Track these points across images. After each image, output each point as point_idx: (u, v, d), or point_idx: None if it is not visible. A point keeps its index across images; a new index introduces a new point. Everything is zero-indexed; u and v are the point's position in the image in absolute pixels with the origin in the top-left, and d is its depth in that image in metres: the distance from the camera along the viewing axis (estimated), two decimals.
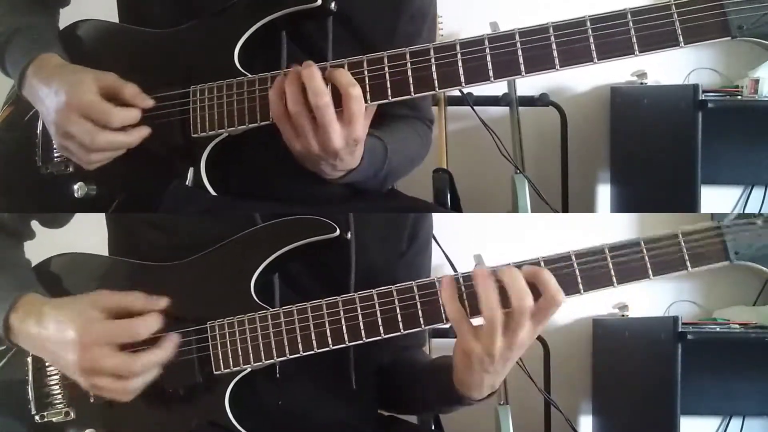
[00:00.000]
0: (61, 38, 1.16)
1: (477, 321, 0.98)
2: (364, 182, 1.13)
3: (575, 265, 1.00)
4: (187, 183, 1.07)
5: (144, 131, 1.07)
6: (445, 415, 1.48)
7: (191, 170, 1.08)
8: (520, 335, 0.95)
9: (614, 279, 1.00)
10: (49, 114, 1.07)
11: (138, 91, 1.07)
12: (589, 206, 2.65)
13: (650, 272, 1.00)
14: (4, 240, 1.16)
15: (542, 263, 1.00)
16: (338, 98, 0.98)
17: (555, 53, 0.97)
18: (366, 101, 0.99)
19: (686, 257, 1.01)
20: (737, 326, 2.20)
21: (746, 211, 2.51)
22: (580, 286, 1.00)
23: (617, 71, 2.50)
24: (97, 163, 1.08)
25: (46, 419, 1.06)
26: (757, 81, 2.28)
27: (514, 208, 2.30)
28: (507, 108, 2.43)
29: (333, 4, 1.05)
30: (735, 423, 2.45)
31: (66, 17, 1.21)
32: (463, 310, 0.98)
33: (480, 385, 1.01)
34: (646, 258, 1.00)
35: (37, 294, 1.06)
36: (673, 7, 0.96)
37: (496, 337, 0.95)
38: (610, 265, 1.00)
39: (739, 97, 2.30)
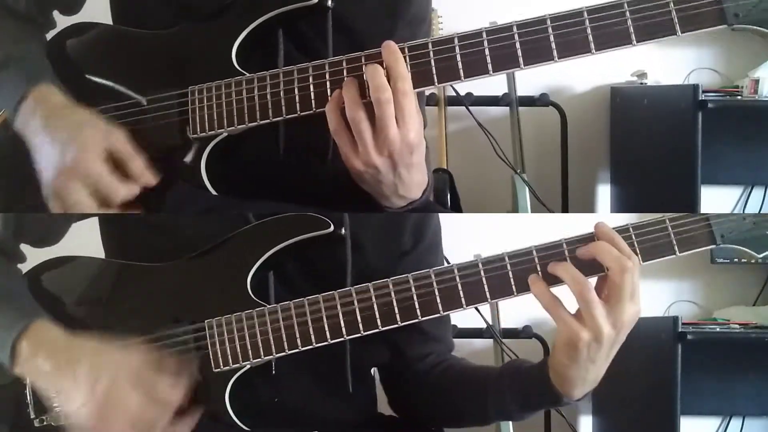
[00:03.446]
0: (57, 42, 1.14)
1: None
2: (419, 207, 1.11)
3: (566, 253, 1.00)
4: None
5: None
6: None
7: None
8: (626, 311, 0.95)
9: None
10: (46, 167, 1.01)
11: (144, 168, 1.02)
12: (589, 206, 2.65)
13: (639, 258, 1.00)
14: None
15: (534, 252, 1.00)
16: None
17: (553, 45, 0.97)
18: (366, 96, 0.98)
19: (674, 242, 1.01)
20: (737, 326, 2.21)
21: (746, 211, 2.52)
22: None
23: (617, 71, 2.50)
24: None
25: (45, 423, 1.05)
26: (757, 81, 2.28)
27: (514, 208, 2.30)
28: (507, 108, 2.43)
29: (329, 2, 1.05)
30: (735, 423, 2.45)
31: (62, 20, 1.20)
32: (558, 299, 0.97)
33: (584, 380, 1.00)
34: (636, 244, 1.00)
35: (44, 321, 1.02)
36: None
37: (599, 317, 0.94)
38: None
39: (739, 97, 2.31)
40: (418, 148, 0.99)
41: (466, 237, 2.22)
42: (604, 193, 2.65)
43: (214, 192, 1.07)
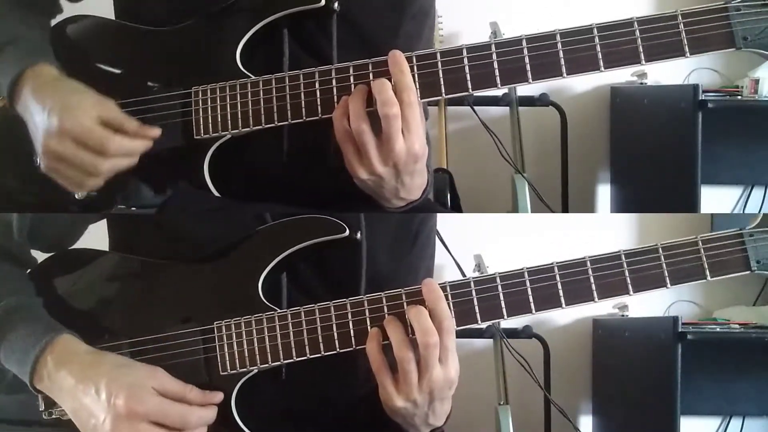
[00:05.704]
0: (56, 33, 1.13)
1: None
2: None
3: (590, 272, 0.98)
4: None
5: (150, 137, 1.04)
6: None
7: None
8: (436, 378, 0.96)
9: (630, 287, 0.98)
10: (37, 132, 1.02)
11: (139, 125, 1.03)
12: (589, 206, 2.65)
13: (668, 281, 0.97)
14: (14, 271, 1.12)
15: (556, 269, 0.98)
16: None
17: (562, 61, 0.97)
18: (373, 104, 0.98)
19: (706, 266, 0.98)
20: (737, 326, 2.20)
21: (746, 212, 2.52)
22: (595, 294, 0.98)
23: (617, 71, 2.50)
24: (89, 188, 1.04)
25: (54, 416, 1.05)
26: (757, 81, 2.28)
27: (514, 208, 2.30)
28: (507, 108, 2.43)
29: (336, 4, 1.05)
30: (735, 423, 2.46)
31: (68, 9, 1.19)
32: (386, 364, 0.98)
33: (420, 425, 1.01)
34: (664, 266, 0.98)
35: (70, 336, 1.02)
36: (680, 17, 0.96)
37: (412, 386, 0.96)
38: (626, 273, 0.98)
39: (739, 97, 2.31)
40: (422, 157, 0.99)
41: (466, 237, 2.23)
42: (604, 193, 2.65)
43: (216, 193, 1.07)
